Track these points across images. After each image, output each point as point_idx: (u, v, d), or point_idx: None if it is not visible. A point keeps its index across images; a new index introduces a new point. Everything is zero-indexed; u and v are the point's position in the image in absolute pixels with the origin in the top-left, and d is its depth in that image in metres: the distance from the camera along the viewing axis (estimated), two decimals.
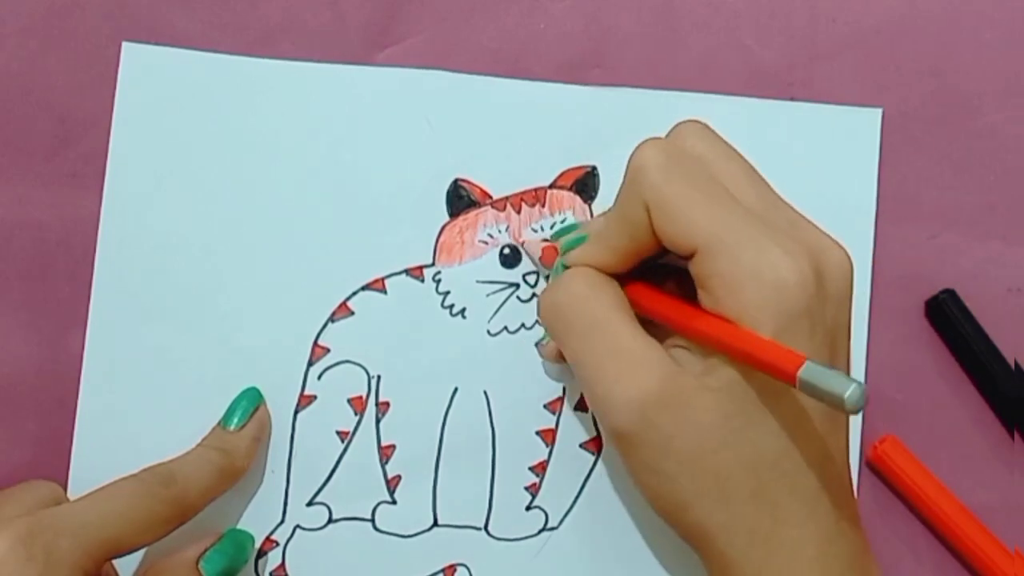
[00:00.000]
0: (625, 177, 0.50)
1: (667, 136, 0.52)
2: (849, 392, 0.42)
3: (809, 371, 0.43)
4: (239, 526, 0.56)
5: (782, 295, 0.46)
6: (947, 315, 0.57)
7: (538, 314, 0.56)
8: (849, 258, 0.49)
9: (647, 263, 0.52)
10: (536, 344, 0.57)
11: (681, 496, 0.48)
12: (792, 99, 0.58)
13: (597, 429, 0.57)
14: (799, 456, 0.48)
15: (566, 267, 0.53)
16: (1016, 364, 0.57)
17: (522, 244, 0.57)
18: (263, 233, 0.57)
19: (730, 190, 0.49)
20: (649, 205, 0.48)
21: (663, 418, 0.47)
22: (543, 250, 0.56)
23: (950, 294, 0.57)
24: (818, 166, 0.58)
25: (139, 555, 0.54)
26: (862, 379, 0.58)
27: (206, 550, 0.53)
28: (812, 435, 0.48)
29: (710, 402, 0.47)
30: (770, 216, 0.49)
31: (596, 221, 0.53)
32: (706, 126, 0.52)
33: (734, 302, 0.47)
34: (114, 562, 0.54)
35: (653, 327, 0.50)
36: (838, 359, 0.49)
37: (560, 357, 0.54)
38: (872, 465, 0.57)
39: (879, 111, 0.58)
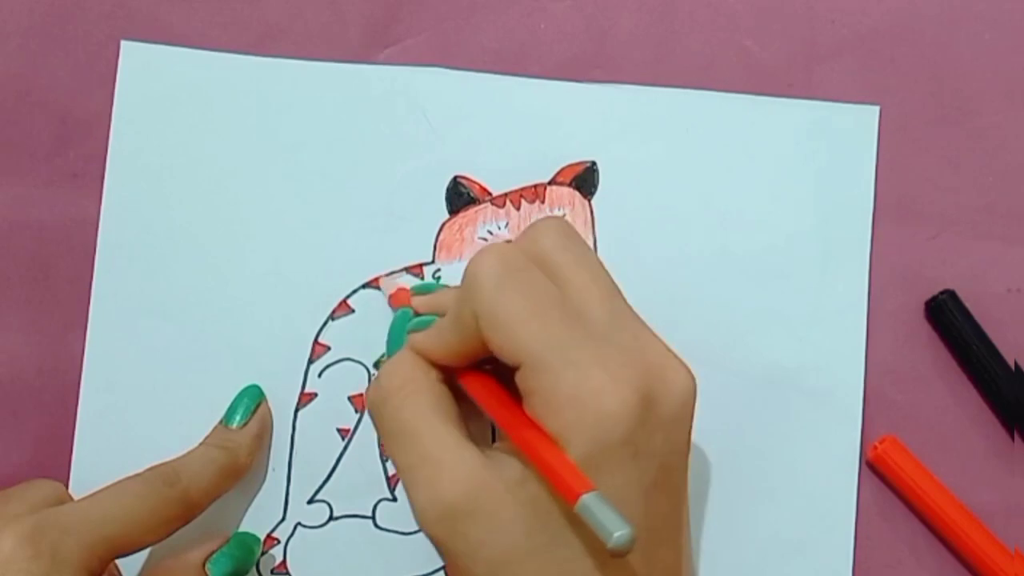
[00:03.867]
0: (462, 282, 0.49)
1: (523, 233, 0.50)
2: (617, 535, 0.41)
3: (589, 501, 0.42)
4: (241, 524, 0.56)
5: (600, 423, 0.45)
6: (947, 315, 0.57)
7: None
8: (692, 380, 0.48)
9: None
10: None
11: None
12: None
13: None
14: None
15: (398, 336, 0.53)
16: (1016, 364, 0.57)
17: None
18: (263, 231, 0.58)
19: (575, 301, 0.48)
20: (478, 314, 0.47)
21: (469, 527, 0.46)
22: (393, 294, 0.56)
23: (950, 294, 0.57)
24: (816, 163, 0.58)
25: (143, 556, 0.54)
26: (862, 380, 0.57)
27: (212, 552, 0.53)
28: (622, 562, 0.46)
29: (517, 514, 0.46)
30: (611, 333, 0.48)
31: (446, 298, 0.53)
32: (566, 225, 0.51)
33: (551, 422, 0.45)
34: (120, 565, 0.54)
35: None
36: (670, 483, 0.48)
37: None
38: (872, 465, 0.57)
39: (876, 108, 0.58)
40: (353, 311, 0.57)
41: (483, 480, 0.46)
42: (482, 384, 0.50)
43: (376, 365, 0.57)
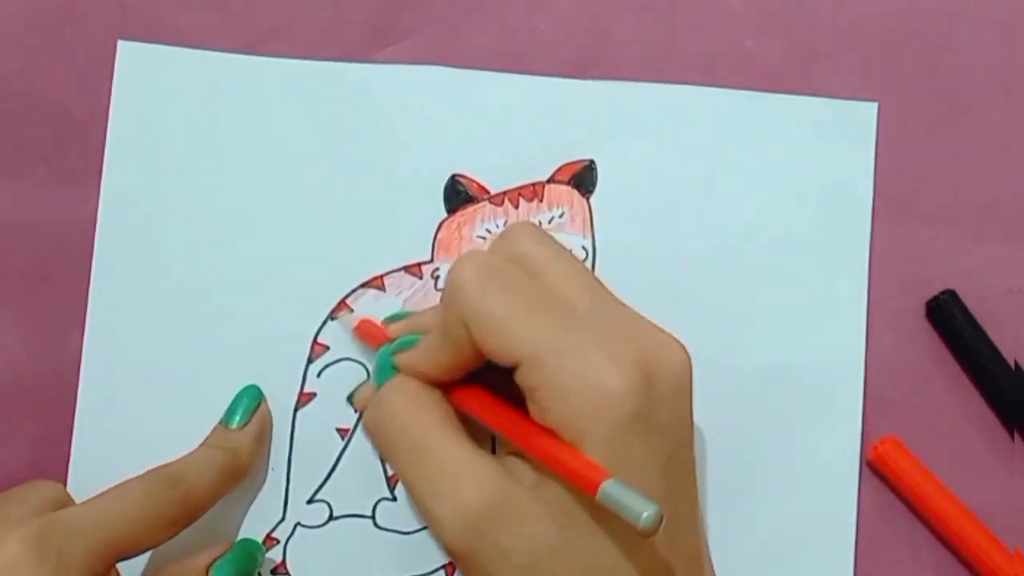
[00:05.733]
0: (444, 293, 0.49)
1: (497, 239, 0.51)
2: (645, 515, 0.42)
3: (609, 487, 0.43)
4: (241, 524, 0.56)
5: (609, 403, 0.45)
6: (947, 315, 0.57)
7: (363, 431, 0.56)
8: (685, 353, 0.49)
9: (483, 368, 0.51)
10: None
11: None
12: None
13: None
14: (632, 568, 0.47)
15: (384, 365, 0.53)
16: (1016, 364, 0.57)
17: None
18: (261, 231, 0.57)
19: (559, 293, 0.48)
20: (467, 321, 0.48)
21: (496, 532, 0.46)
22: (357, 327, 0.56)
23: (950, 294, 0.57)
24: (815, 160, 0.58)
25: (145, 559, 0.54)
26: (862, 379, 0.58)
27: (216, 558, 0.53)
28: (648, 545, 0.47)
29: (543, 513, 0.46)
30: (600, 318, 0.48)
31: (427, 316, 0.53)
32: (536, 228, 0.52)
33: (559, 413, 0.46)
34: (122, 571, 0.54)
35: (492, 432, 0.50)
36: (682, 459, 0.49)
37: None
38: (872, 466, 0.57)
39: (875, 105, 0.59)
40: (352, 311, 0.57)
41: (506, 486, 0.47)
42: (476, 396, 0.51)
43: (349, 400, 0.57)
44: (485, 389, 0.51)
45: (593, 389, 0.45)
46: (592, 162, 0.58)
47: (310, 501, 0.56)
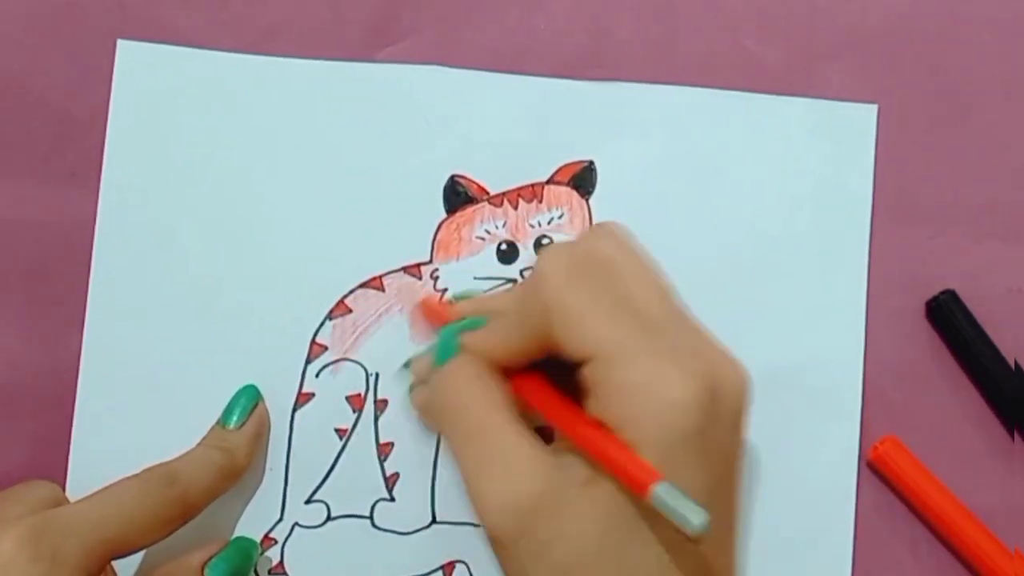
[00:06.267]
0: (529, 279, 0.49)
1: (581, 235, 0.51)
2: (697, 521, 0.42)
3: (662, 489, 0.42)
4: (238, 524, 0.56)
5: (672, 413, 0.45)
6: (947, 315, 0.57)
7: (414, 409, 0.56)
8: (746, 378, 0.48)
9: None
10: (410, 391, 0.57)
11: None
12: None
13: None
14: (678, 574, 0.46)
15: (448, 342, 0.51)
16: (1016, 364, 0.57)
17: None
18: (260, 231, 0.57)
19: (635, 298, 0.48)
20: (549, 310, 0.47)
21: (540, 525, 0.46)
22: (420, 302, 0.56)
23: (950, 294, 0.57)
24: (814, 162, 0.58)
25: (140, 557, 0.54)
26: (861, 379, 0.58)
27: (211, 556, 0.53)
28: (694, 553, 0.47)
29: (590, 512, 0.46)
30: (671, 329, 0.48)
31: (499, 300, 0.53)
32: (622, 229, 0.51)
33: (620, 413, 0.45)
34: (117, 569, 0.54)
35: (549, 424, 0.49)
36: (728, 482, 0.48)
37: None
38: (872, 466, 0.57)
39: (874, 107, 0.59)
40: (351, 311, 0.57)
41: (557, 480, 0.46)
42: (536, 386, 0.50)
43: (406, 365, 0.57)
44: (546, 379, 0.50)
45: (659, 396, 0.45)
46: (591, 163, 0.58)
47: (308, 501, 0.57)
